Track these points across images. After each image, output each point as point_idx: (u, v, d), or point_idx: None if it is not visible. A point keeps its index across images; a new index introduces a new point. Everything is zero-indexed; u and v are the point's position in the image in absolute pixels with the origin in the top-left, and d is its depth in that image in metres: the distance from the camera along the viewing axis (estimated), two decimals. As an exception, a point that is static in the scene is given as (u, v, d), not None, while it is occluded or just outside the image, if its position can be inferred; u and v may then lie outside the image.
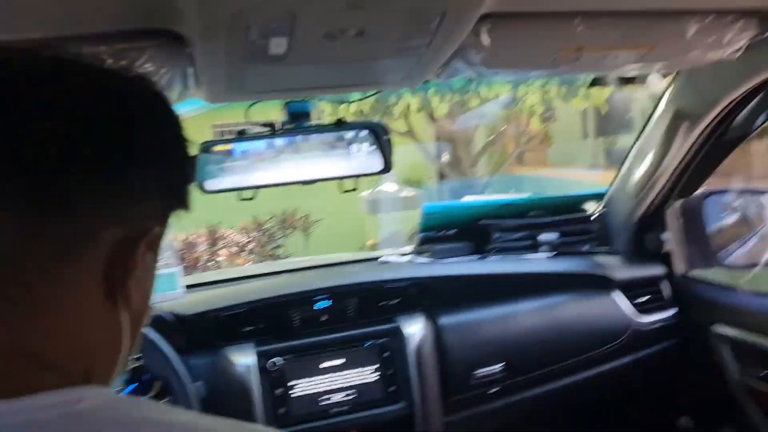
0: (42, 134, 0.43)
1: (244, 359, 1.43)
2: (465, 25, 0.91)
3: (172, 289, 1.68)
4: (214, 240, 8.03)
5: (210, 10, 0.78)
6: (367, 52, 0.94)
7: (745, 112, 1.53)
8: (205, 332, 1.46)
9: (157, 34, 0.88)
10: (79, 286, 0.46)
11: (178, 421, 0.45)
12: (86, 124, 0.45)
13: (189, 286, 1.74)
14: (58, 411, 0.41)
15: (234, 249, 8.19)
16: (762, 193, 1.96)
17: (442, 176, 8.46)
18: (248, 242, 8.41)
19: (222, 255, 8.02)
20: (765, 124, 1.50)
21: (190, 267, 6.93)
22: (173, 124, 0.52)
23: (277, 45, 0.86)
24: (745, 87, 1.35)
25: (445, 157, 7.64)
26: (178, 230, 7.77)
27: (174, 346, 1.34)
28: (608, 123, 10.48)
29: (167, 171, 0.51)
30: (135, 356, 1.33)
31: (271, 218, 8.68)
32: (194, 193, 0.55)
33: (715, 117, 1.48)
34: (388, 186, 8.58)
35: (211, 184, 1.21)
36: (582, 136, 11.61)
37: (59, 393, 0.42)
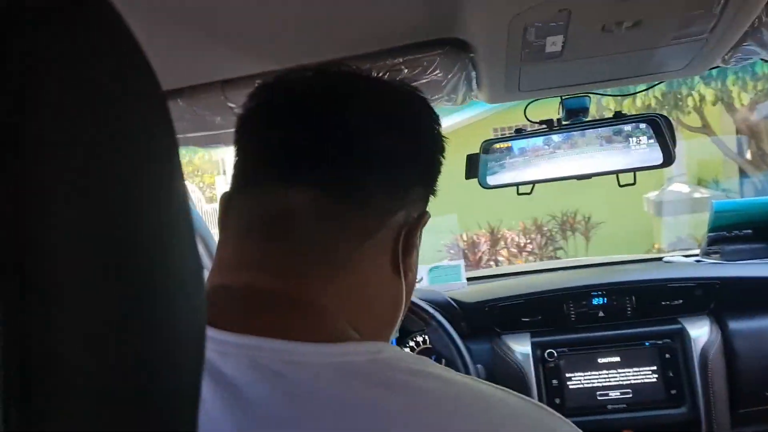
0: (357, 145, 0.54)
1: (521, 348, 1.49)
2: (755, 3, 0.86)
3: (456, 280, 1.82)
4: (495, 240, 8.23)
5: (491, 16, 0.86)
6: (645, 43, 0.93)
7: None
8: (485, 320, 1.55)
9: (443, 43, 0.98)
10: (375, 258, 0.57)
11: (461, 380, 0.50)
12: (384, 134, 0.56)
13: (470, 279, 1.86)
14: (365, 357, 0.48)
15: (513, 250, 8.30)
16: None
17: (742, 173, 7.58)
18: (527, 243, 8.45)
19: (502, 255, 8.18)
20: None
21: (473, 265, 7.20)
22: (438, 126, 0.62)
23: (553, 43, 0.91)
24: None
25: (748, 153, 6.83)
26: (462, 230, 8.13)
27: (458, 330, 1.45)
28: None
29: (431, 165, 0.61)
30: (423, 337, 1.47)
31: (551, 220, 8.61)
32: (477, 195, 0.65)
33: None
34: (678, 186, 7.94)
35: (491, 180, 1.29)
36: None
37: (363, 344, 0.50)
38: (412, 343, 1.60)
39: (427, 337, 1.57)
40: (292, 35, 0.94)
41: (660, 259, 1.90)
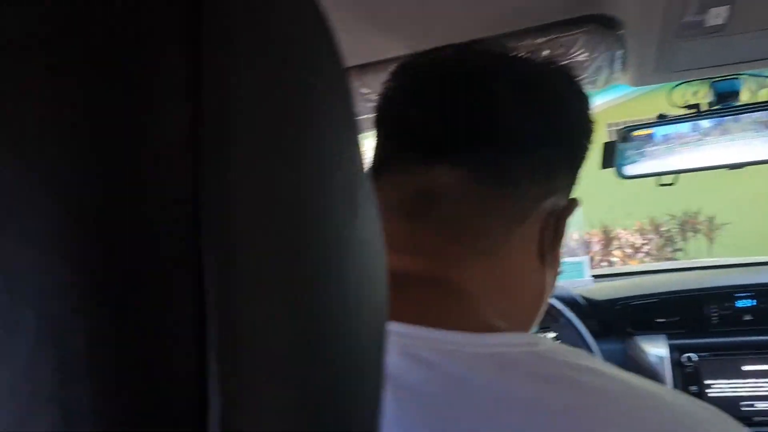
0: (503, 126, 0.51)
1: (656, 350, 1.40)
2: None
3: (581, 277, 1.74)
4: (608, 240, 7.91)
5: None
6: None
7: None
8: (616, 319, 1.47)
9: (588, 20, 0.92)
10: (523, 245, 0.54)
11: (625, 377, 0.46)
12: (530, 115, 0.52)
13: (595, 276, 1.77)
14: (522, 349, 0.45)
15: (628, 250, 7.94)
16: None
17: None
18: (644, 244, 8.06)
19: (616, 256, 7.85)
20: None
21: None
22: (588, 109, 0.57)
23: (717, 15, 0.83)
24: None
25: None
26: (573, 228, 7.86)
27: (587, 328, 1.38)
28: None
29: (578, 149, 0.57)
30: (552, 335, 1.41)
31: (671, 219, 8.17)
32: (588, 192, 0.60)
33: None
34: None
35: (630, 169, 1.21)
36: None
37: (517, 335, 0.47)
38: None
39: (552, 335, 1.50)
40: (429, 15, 0.91)
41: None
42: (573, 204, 0.57)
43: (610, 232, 8.04)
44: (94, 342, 0.17)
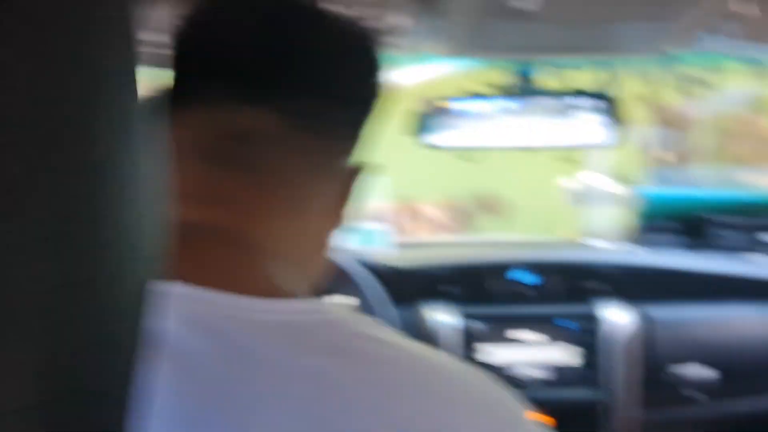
0: (318, 74, 0.49)
1: (441, 317, 1.47)
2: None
3: (383, 245, 1.78)
4: (412, 213, 8.30)
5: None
6: (620, 14, 0.91)
7: None
8: (408, 287, 1.52)
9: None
10: (325, 203, 0.52)
11: (408, 347, 0.47)
12: (344, 67, 0.51)
13: (393, 245, 1.82)
14: (315, 317, 0.44)
15: (429, 225, 8.40)
16: None
17: (661, 166, 7.93)
18: (444, 220, 8.57)
19: (416, 228, 8.26)
20: None
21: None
22: (384, 76, 0.56)
23: (534, 1, 0.86)
24: None
25: (667, 153, 7.14)
26: (378, 198, 8.13)
27: (382, 294, 1.41)
28: None
29: (372, 112, 0.55)
30: (347, 299, 1.42)
31: (465, 199, 8.76)
32: (395, 166, 0.59)
33: None
34: (598, 178, 8.24)
35: (435, 139, 1.25)
36: None
37: (312, 302, 0.46)
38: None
39: (350, 299, 1.53)
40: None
41: (585, 243, 1.94)
42: (366, 166, 0.56)
43: (413, 205, 8.44)
44: None
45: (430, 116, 1.23)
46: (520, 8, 0.88)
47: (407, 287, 1.53)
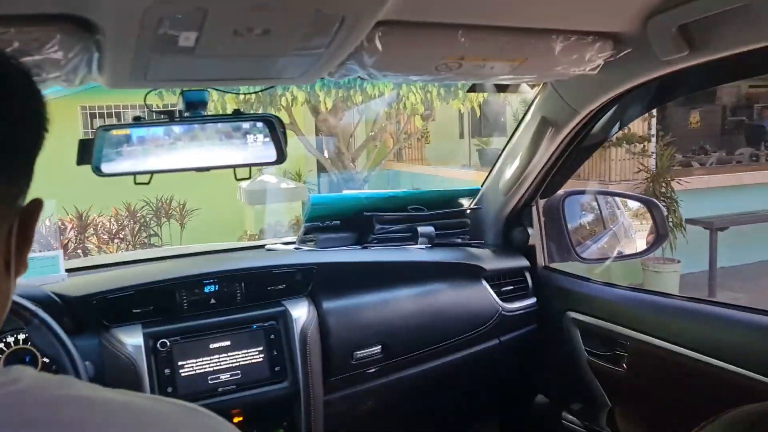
0: None
1: (132, 340, 1.45)
2: (361, 30, 1.00)
3: (55, 272, 1.66)
4: (83, 226, 7.67)
5: (123, 1, 0.82)
6: (271, 50, 1.01)
7: (601, 122, 1.74)
8: (92, 314, 1.46)
9: (66, 19, 0.90)
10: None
11: (109, 398, 0.48)
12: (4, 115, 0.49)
13: (70, 270, 1.72)
14: (2, 390, 0.43)
15: (104, 236, 7.86)
16: (614, 194, 2.21)
17: (322, 169, 8.55)
18: (120, 230, 8.09)
19: (91, 242, 7.68)
20: (617, 134, 1.69)
21: (56, 253, 6.56)
22: (43, 108, 0.55)
23: (187, 38, 0.92)
24: (602, 99, 1.53)
25: (327, 151, 7.73)
26: (45, 215, 7.35)
27: (62, 327, 1.34)
28: (482, 125, 11.01)
29: (36, 149, 0.54)
30: (15, 337, 1.32)
31: (145, 206, 8.41)
32: (64, 178, 0.60)
33: (576, 125, 1.67)
34: (268, 177, 8.56)
35: (107, 167, 1.23)
36: (458, 136, 12.11)
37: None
38: (1, 345, 1.42)
39: (21, 337, 1.41)
40: None
41: (263, 246, 2.05)
42: (37, 204, 0.54)
43: (86, 218, 7.82)
44: None
45: (98, 144, 1.20)
46: (177, 44, 0.93)
47: (87, 314, 1.47)
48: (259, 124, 1.31)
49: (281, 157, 1.33)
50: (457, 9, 1.09)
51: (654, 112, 7.34)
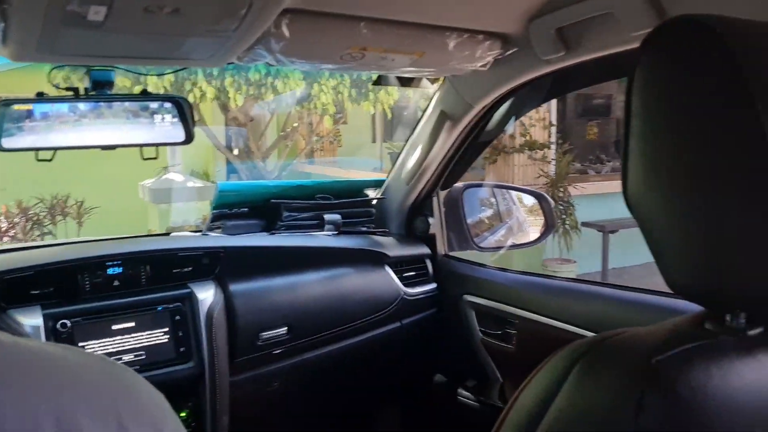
0: None
1: (30, 321, 1.44)
2: (269, 15, 1.06)
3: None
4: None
5: (34, -30, 0.85)
6: (181, 30, 1.05)
7: (495, 118, 1.87)
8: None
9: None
10: None
11: (13, 341, 0.47)
12: None
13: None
14: None
15: (-6, 233, 7.46)
16: (507, 188, 2.36)
17: (229, 164, 8.46)
18: (10, 227, 7.69)
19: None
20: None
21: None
22: None
23: (96, 12, 0.95)
24: (494, 95, 1.66)
25: (237, 149, 7.66)
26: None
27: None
28: (394, 128, 11.20)
29: None
30: None
31: (38, 203, 8.03)
32: None
33: (472, 120, 1.79)
34: (174, 175, 8.37)
35: (7, 142, 1.22)
36: (371, 140, 12.25)
37: None
38: None
39: None
40: None
41: (168, 234, 2.05)
42: None
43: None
44: None
45: (-1, 117, 1.20)
46: (86, 17, 0.96)
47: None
48: (168, 105, 1.34)
49: (189, 137, 1.36)
50: (359, 2, 1.17)
51: (554, 121, 7.73)
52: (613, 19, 1.13)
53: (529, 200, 2.57)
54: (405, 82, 1.86)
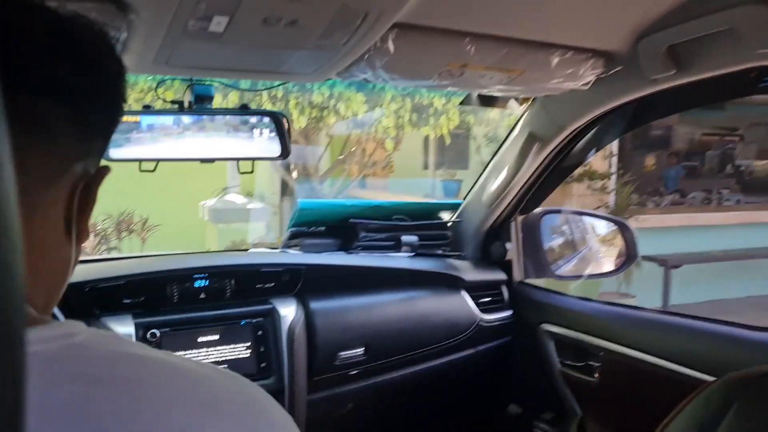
0: (34, 68, 0.47)
1: (122, 329, 1.46)
2: (380, 29, 1.07)
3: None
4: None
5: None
6: (294, 42, 1.06)
7: (581, 143, 1.83)
8: (82, 302, 1.46)
9: (102, -3, 0.93)
10: (50, 213, 0.49)
11: (164, 359, 0.48)
12: (64, 62, 0.49)
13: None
14: (59, 343, 0.43)
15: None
16: (590, 215, 2.30)
17: (285, 191, 8.57)
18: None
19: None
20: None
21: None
22: (124, 72, 0.56)
23: (218, 23, 0.96)
24: (588, 116, 1.62)
25: (295, 172, 7.75)
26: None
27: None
28: (447, 156, 11.18)
29: (114, 113, 0.55)
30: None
31: (105, 219, 8.26)
32: None
33: (561, 142, 1.76)
34: (233, 197, 8.52)
35: (115, 153, 1.25)
36: (422, 167, 12.25)
37: (51, 327, 0.45)
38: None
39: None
40: None
41: (246, 251, 2.07)
42: (104, 171, 0.54)
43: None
44: None
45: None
46: (207, 29, 0.97)
47: (78, 302, 1.47)
48: (266, 119, 1.36)
49: (285, 152, 1.37)
50: (467, 16, 1.16)
51: (615, 150, 7.59)
52: (734, 36, 1.09)
53: (603, 229, 2.51)
54: (488, 102, 1.84)
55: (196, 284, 1.60)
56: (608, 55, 1.32)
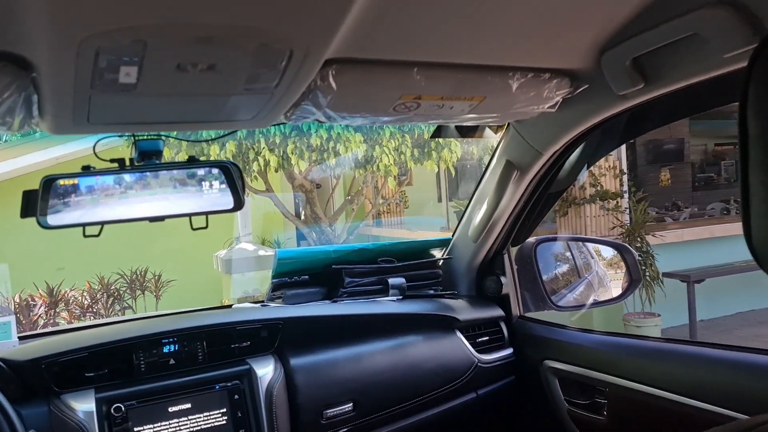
0: None
1: (83, 406, 1.36)
2: (312, 66, 0.98)
3: (6, 338, 1.58)
4: (54, 301, 7.47)
5: (57, 35, 0.79)
6: (218, 88, 0.98)
7: (566, 166, 1.73)
8: (41, 379, 1.37)
9: (0, 57, 0.86)
10: None
11: None
12: None
13: (22, 337, 1.64)
14: None
15: (77, 311, 7.66)
16: (585, 240, 2.18)
17: (298, 231, 8.53)
18: (92, 303, 7.90)
19: (63, 318, 7.47)
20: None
21: (26, 330, 6.38)
22: None
23: (127, 74, 0.88)
24: (565, 139, 1.52)
25: (303, 216, 7.70)
26: (15, 290, 7.18)
27: (6, 394, 1.25)
28: (458, 185, 11.11)
29: None
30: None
31: (119, 278, 8.25)
32: (35, 252, 0.55)
33: (542, 168, 1.65)
34: (245, 245, 8.49)
35: (53, 219, 1.17)
36: (437, 200, 12.18)
37: None
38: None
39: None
40: None
41: (230, 306, 1.98)
42: None
43: (57, 293, 7.63)
44: None
45: (42, 195, 1.15)
46: (117, 80, 0.90)
47: (36, 379, 1.38)
48: (215, 171, 1.28)
49: (238, 203, 1.28)
50: (411, 46, 1.08)
51: (625, 169, 7.46)
52: (699, 42, 1.00)
53: (609, 253, 2.39)
54: (465, 132, 1.75)
55: (165, 349, 1.50)
56: (572, 73, 1.22)
